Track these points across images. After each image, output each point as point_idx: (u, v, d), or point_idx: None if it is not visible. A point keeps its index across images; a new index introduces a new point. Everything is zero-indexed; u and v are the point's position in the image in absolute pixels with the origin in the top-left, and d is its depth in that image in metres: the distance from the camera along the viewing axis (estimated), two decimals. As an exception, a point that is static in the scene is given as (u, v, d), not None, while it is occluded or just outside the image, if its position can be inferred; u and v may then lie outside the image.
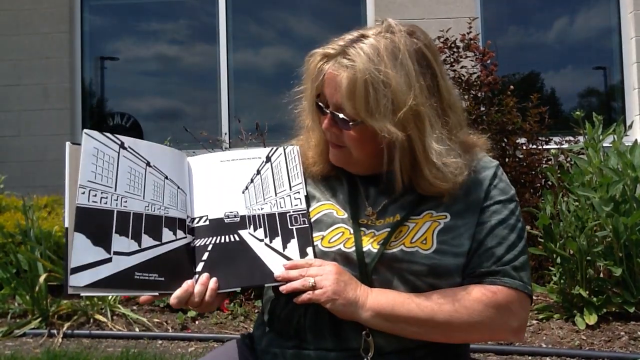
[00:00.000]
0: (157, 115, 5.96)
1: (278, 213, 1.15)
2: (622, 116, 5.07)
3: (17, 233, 3.54)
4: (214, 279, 1.08)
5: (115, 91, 5.94)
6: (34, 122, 5.41)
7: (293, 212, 1.15)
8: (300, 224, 1.14)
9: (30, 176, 5.27)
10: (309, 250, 1.11)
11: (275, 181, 1.19)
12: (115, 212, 1.06)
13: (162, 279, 1.06)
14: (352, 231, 1.12)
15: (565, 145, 3.87)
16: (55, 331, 3.05)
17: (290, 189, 1.18)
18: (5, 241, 3.47)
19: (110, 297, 3.31)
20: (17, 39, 5.45)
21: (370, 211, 1.14)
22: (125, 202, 1.08)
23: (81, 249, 1.00)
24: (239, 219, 1.15)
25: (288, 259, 1.10)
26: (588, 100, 5.62)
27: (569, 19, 5.62)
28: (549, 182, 3.48)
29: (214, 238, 1.13)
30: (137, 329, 3.07)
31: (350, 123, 1.08)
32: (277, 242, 1.12)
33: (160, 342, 2.96)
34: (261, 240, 1.13)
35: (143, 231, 1.08)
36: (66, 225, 1.01)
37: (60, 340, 2.98)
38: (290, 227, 1.14)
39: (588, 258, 2.84)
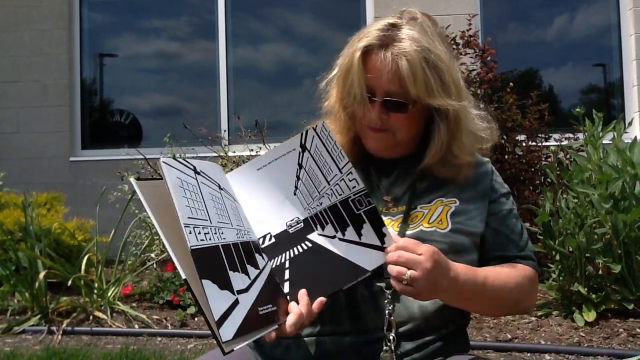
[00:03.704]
0: (156, 112, 5.96)
1: (339, 202, 1.04)
2: (622, 113, 5.06)
3: (17, 230, 3.54)
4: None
5: (115, 88, 5.93)
6: (33, 119, 5.41)
7: (354, 195, 1.04)
8: (365, 206, 1.03)
9: (29, 173, 5.27)
10: (385, 230, 1.02)
11: (321, 169, 1.06)
12: (220, 247, 0.94)
13: (275, 308, 0.97)
14: None
15: (565, 143, 3.86)
16: (54, 328, 3.05)
17: (340, 172, 1.04)
18: (4, 238, 3.47)
19: (109, 294, 3.32)
20: (16, 36, 5.45)
21: (389, 197, 1.20)
22: (222, 233, 0.96)
23: (215, 298, 0.87)
24: (302, 224, 1.06)
25: (367, 245, 1.02)
26: (588, 98, 5.61)
27: (568, 16, 5.61)
28: (549, 179, 3.47)
29: (286, 253, 1.04)
30: (136, 326, 3.07)
31: (410, 106, 1.13)
32: (351, 233, 1.03)
33: (159, 339, 2.97)
34: (333, 237, 1.04)
35: (245, 261, 0.97)
36: (184, 276, 0.87)
37: (59, 337, 2.98)
38: (357, 212, 1.03)
39: (587, 255, 2.84)
